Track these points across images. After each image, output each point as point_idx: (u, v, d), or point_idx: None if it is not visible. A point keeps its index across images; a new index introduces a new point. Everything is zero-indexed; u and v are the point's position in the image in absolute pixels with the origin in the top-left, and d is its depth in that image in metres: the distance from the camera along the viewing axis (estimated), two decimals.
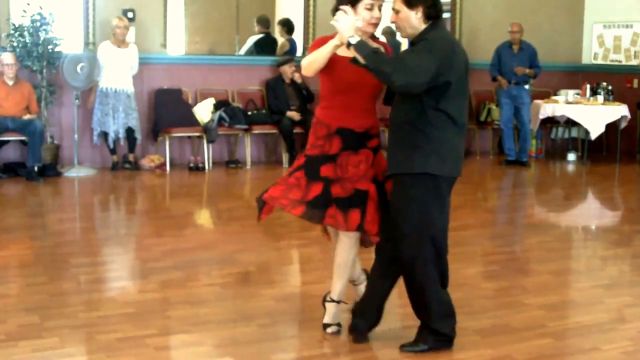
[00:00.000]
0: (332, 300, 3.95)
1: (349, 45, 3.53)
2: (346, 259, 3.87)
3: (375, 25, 3.76)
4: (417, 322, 4.20)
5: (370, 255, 3.91)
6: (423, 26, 3.58)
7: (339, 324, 3.95)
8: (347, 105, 3.79)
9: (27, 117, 8.02)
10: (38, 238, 5.88)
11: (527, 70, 9.54)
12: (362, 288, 4.07)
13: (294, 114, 9.09)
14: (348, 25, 3.54)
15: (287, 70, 9.26)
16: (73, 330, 3.93)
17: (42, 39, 8.23)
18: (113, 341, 3.77)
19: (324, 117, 3.83)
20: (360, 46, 3.51)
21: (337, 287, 3.93)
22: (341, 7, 3.61)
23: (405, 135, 3.59)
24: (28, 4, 8.26)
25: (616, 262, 5.67)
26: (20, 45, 8.19)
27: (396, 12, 3.61)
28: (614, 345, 3.90)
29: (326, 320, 3.96)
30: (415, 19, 3.58)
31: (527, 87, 9.65)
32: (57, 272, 4.96)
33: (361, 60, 3.51)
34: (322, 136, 3.82)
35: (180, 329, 3.99)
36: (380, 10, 3.73)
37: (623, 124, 9.86)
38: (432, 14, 3.58)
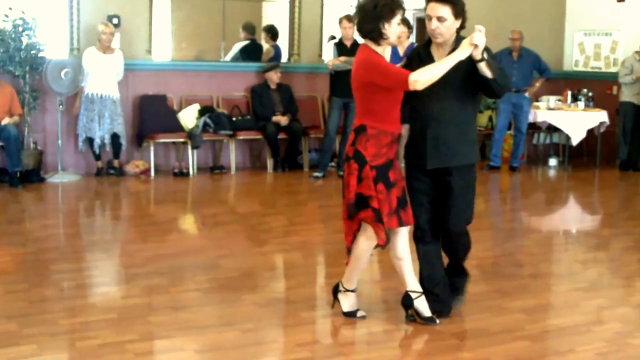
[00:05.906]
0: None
1: (481, 60, 3.91)
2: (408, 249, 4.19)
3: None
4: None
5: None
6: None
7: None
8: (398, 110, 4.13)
9: (4, 122, 7.96)
10: (19, 245, 5.85)
11: (538, 85, 9.80)
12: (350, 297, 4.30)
13: (280, 118, 9.15)
14: (483, 44, 3.90)
15: (273, 76, 9.32)
16: (52, 337, 3.92)
17: (24, 44, 8.19)
18: (93, 347, 3.77)
19: (387, 126, 4.04)
20: (490, 62, 3.95)
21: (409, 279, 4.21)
22: (477, 26, 3.95)
23: (463, 131, 4.12)
24: (10, 9, 8.18)
25: (595, 265, 5.73)
26: (1, 50, 8.15)
27: (442, 20, 3.98)
28: (589, 346, 3.97)
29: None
30: (454, 28, 4.06)
31: (527, 94, 9.68)
32: (38, 279, 4.95)
33: (489, 74, 3.94)
34: (386, 144, 4.05)
35: (162, 335, 4.00)
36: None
37: (601, 130, 9.97)
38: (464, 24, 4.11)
